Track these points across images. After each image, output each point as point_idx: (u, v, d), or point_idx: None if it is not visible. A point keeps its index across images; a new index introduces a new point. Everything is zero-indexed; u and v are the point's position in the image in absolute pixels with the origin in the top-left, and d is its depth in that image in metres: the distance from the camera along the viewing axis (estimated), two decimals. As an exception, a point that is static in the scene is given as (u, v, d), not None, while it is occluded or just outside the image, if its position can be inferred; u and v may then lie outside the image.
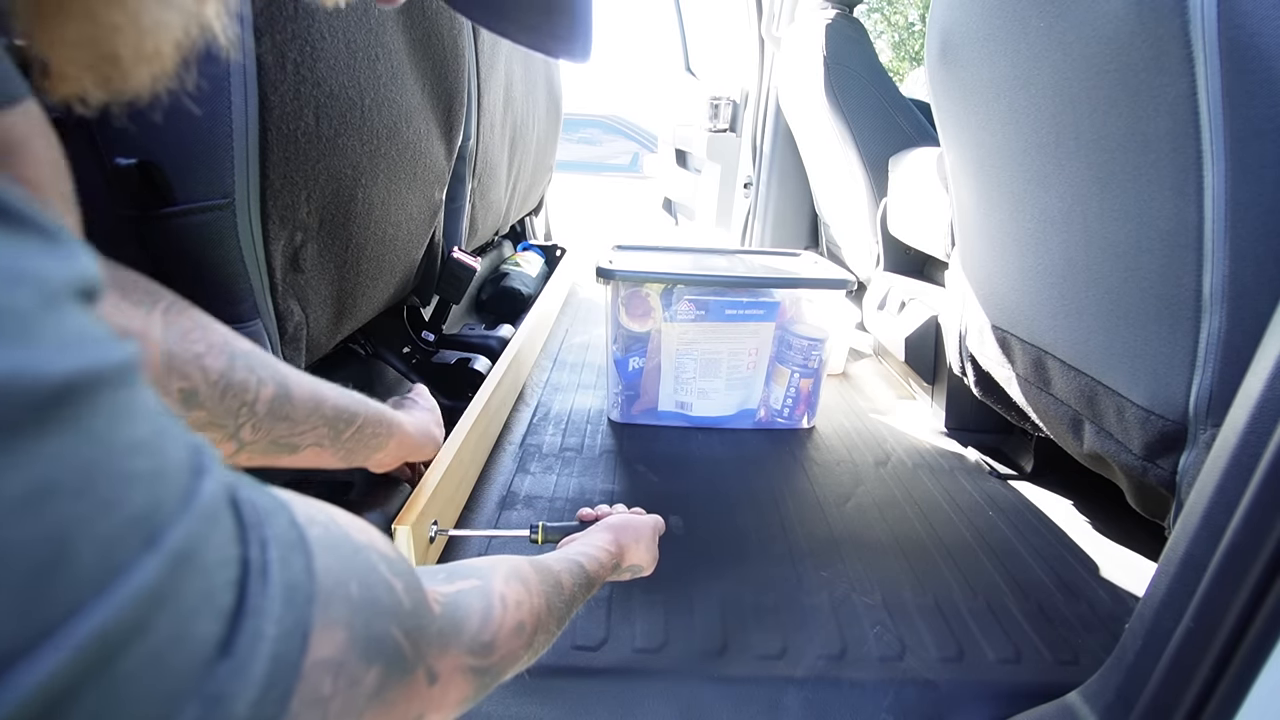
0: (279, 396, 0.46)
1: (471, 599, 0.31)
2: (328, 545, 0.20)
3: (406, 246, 0.84)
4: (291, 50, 0.52)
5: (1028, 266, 0.73)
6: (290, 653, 0.17)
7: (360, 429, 0.55)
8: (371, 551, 0.23)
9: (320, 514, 0.21)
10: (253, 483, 0.19)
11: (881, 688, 0.59)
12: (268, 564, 0.16)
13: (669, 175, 2.74)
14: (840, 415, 1.18)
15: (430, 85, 0.79)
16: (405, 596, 0.24)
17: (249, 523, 0.17)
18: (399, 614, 0.23)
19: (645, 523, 0.62)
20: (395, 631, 0.22)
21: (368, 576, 0.22)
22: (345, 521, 0.23)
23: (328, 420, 0.51)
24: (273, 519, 0.18)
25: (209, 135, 0.46)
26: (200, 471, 0.15)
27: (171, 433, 0.15)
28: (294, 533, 0.19)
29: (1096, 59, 0.55)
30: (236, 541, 0.16)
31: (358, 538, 0.23)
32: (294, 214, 0.57)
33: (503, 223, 1.51)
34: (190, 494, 0.14)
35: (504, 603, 0.33)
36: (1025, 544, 0.82)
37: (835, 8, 1.52)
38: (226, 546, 0.15)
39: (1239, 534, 0.40)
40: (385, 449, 0.60)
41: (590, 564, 0.49)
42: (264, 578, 0.16)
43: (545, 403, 1.14)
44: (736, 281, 1.00)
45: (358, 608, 0.20)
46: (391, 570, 0.24)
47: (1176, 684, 0.43)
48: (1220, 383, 0.52)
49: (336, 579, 0.20)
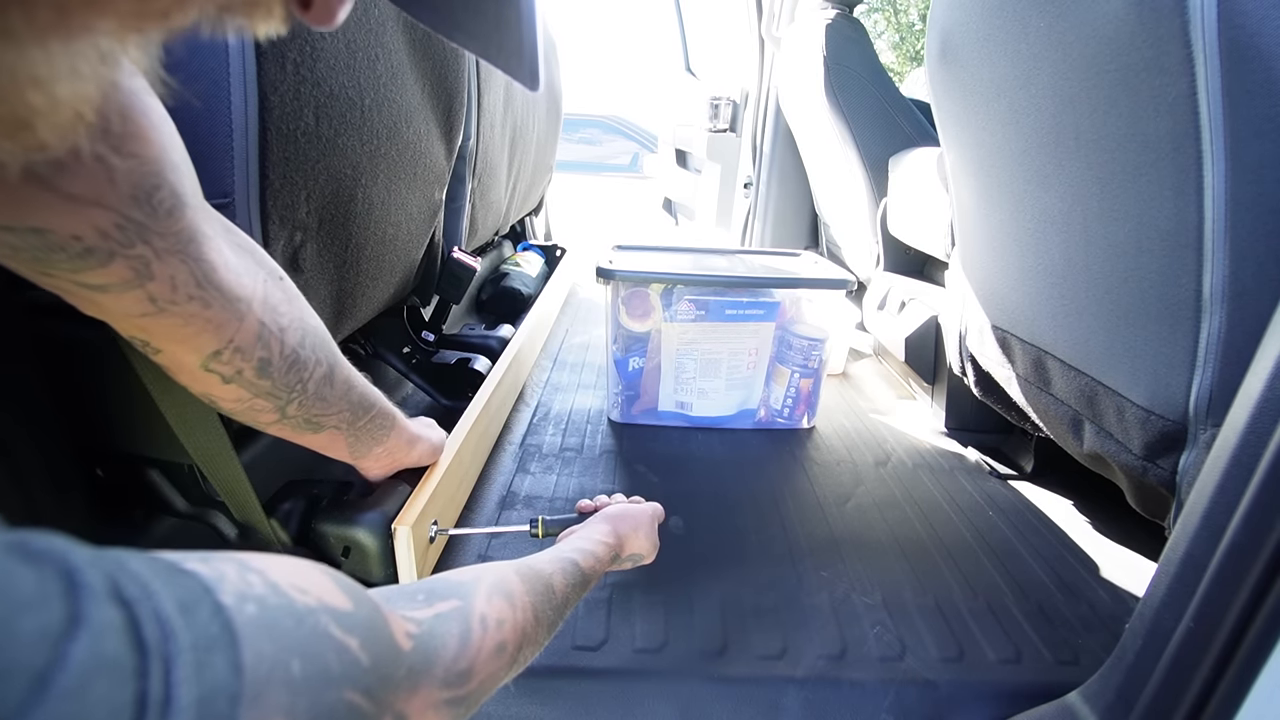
0: (325, 378, 0.49)
1: (449, 625, 0.31)
2: (263, 625, 0.19)
3: (406, 246, 0.84)
4: (291, 50, 0.52)
5: (1028, 266, 0.73)
6: None
7: (373, 419, 0.57)
8: (320, 614, 0.22)
9: (257, 585, 0.20)
10: (169, 576, 0.17)
11: (881, 688, 0.59)
12: (171, 688, 0.15)
13: (669, 175, 2.74)
14: (840, 415, 1.18)
15: (430, 85, 0.79)
16: (362, 653, 0.23)
17: (149, 645, 0.15)
18: (354, 675, 0.22)
19: (643, 510, 0.62)
20: (350, 695, 0.21)
21: (314, 645, 0.21)
22: (288, 584, 0.21)
23: (352, 405, 0.54)
24: (188, 621, 0.17)
25: (208, 135, 0.46)
26: (73, 627, 0.14)
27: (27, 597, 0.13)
28: (215, 625, 0.17)
29: (1096, 59, 0.55)
30: (132, 677, 0.15)
31: (301, 602, 0.21)
32: (293, 214, 0.57)
33: (503, 223, 1.51)
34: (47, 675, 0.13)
35: (484, 624, 0.33)
36: (1025, 544, 0.82)
37: (835, 8, 1.52)
38: (117, 692, 0.14)
39: (1239, 534, 0.40)
40: (384, 442, 0.61)
41: (586, 560, 0.49)
42: (164, 709, 0.15)
43: (545, 403, 1.14)
44: (736, 281, 1.00)
45: (300, 687, 0.19)
46: (344, 628, 0.22)
47: (1176, 684, 0.43)
48: (1220, 383, 0.52)
49: (273, 663, 0.19)
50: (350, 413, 0.54)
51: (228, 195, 0.48)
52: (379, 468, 0.65)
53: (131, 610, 0.15)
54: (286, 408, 0.47)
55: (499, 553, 0.74)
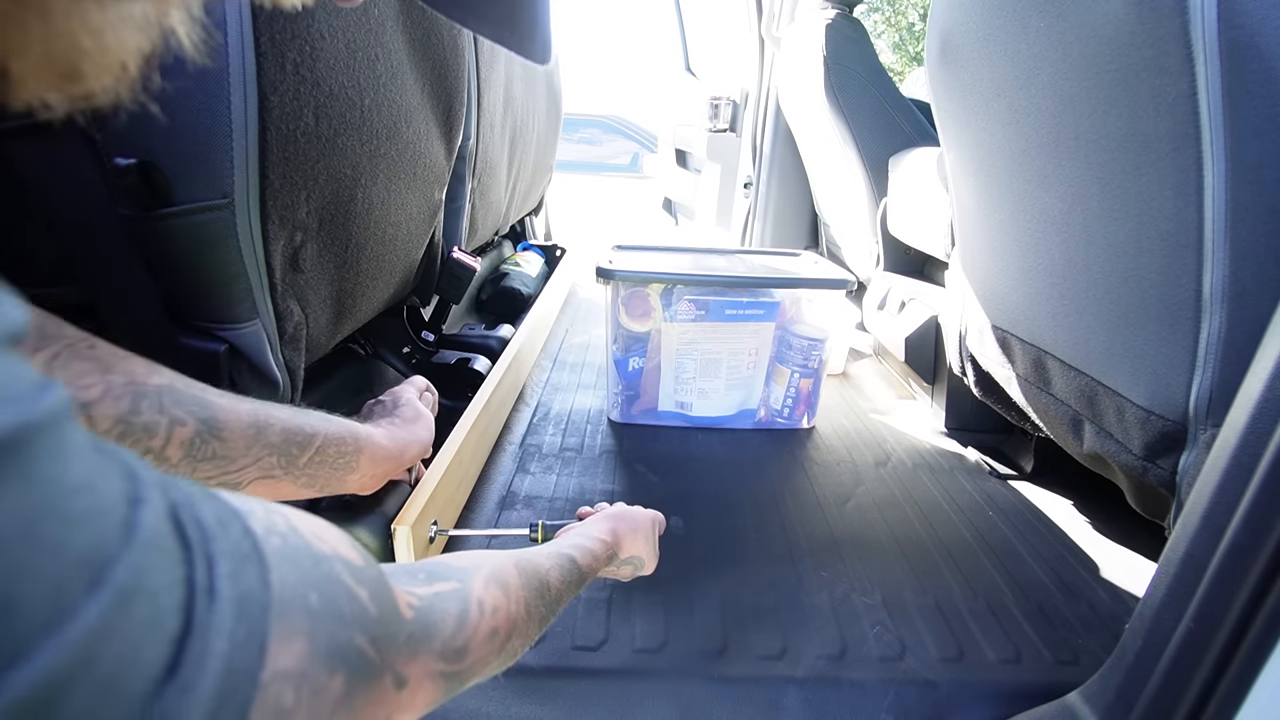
0: (201, 435, 0.42)
1: (448, 603, 0.31)
2: (286, 556, 0.20)
3: (406, 246, 0.84)
4: (291, 50, 0.52)
5: (1028, 266, 0.73)
6: (246, 664, 0.17)
7: (320, 451, 0.50)
8: (335, 561, 0.23)
9: (281, 523, 0.21)
10: (204, 494, 0.19)
11: (881, 688, 0.59)
12: (214, 580, 0.17)
13: (669, 175, 2.74)
14: (840, 415, 1.18)
15: (430, 85, 0.79)
16: (370, 604, 0.24)
17: (193, 542, 0.17)
18: (363, 621, 0.23)
19: (643, 514, 0.62)
20: (359, 639, 0.23)
21: (329, 586, 0.22)
22: (307, 530, 0.23)
23: (275, 448, 0.47)
24: (223, 532, 0.18)
25: (208, 135, 0.46)
26: (138, 501, 0.15)
27: (105, 467, 0.15)
28: (247, 543, 0.19)
29: (1096, 59, 0.55)
30: (181, 563, 0.16)
31: (319, 547, 0.23)
32: (293, 214, 0.57)
33: (503, 223, 1.51)
34: (130, 527, 0.15)
35: (481, 608, 0.33)
36: (1025, 544, 0.82)
37: (835, 8, 1.52)
38: (170, 570, 0.16)
39: (1239, 534, 0.40)
40: (356, 469, 0.55)
41: (583, 557, 0.49)
42: (210, 595, 0.16)
43: (545, 403, 1.14)
44: (736, 281, 1.00)
45: (318, 617, 0.20)
46: (355, 578, 0.24)
47: (1176, 684, 0.43)
48: (1220, 383, 0.52)
49: (295, 590, 0.20)
50: (278, 456, 0.47)
51: (227, 195, 0.48)
52: (367, 489, 0.59)
53: (176, 511, 0.17)
54: None
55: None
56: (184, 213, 0.47)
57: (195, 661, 0.15)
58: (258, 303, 0.55)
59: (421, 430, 0.64)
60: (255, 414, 0.46)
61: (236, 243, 0.51)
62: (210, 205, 0.48)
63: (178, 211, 0.47)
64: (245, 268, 0.52)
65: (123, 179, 0.44)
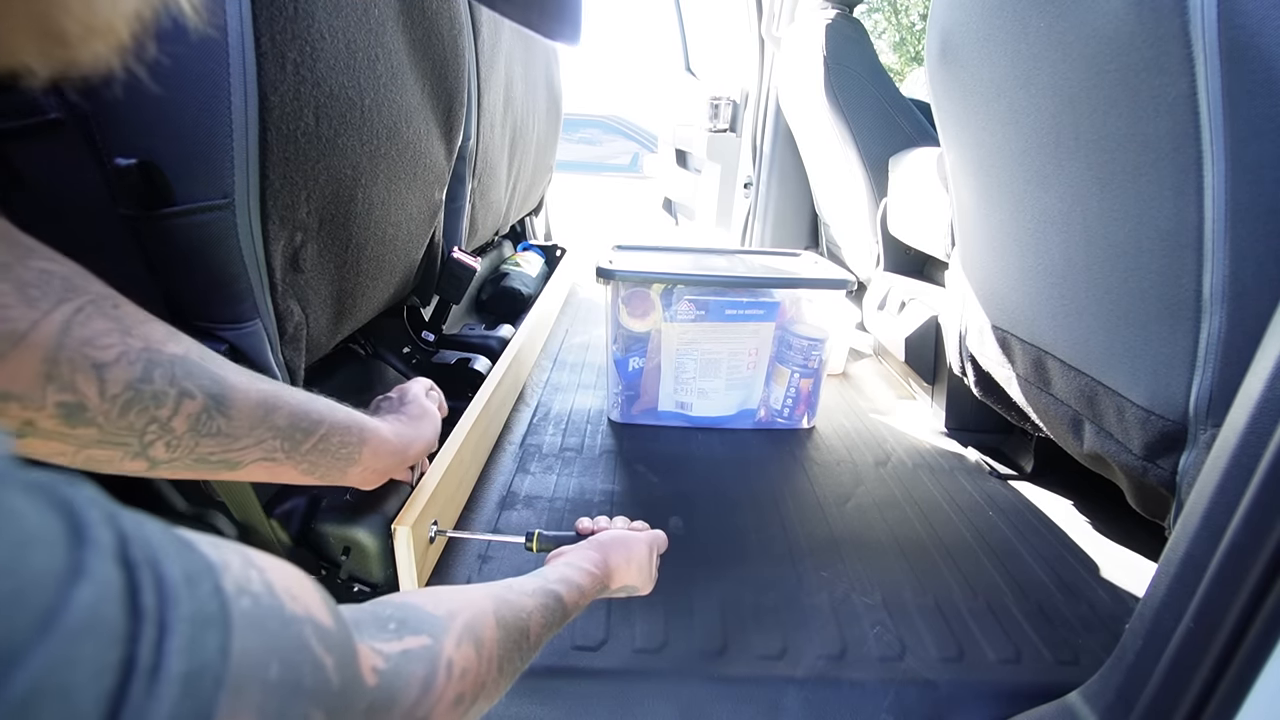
0: (208, 410, 0.41)
1: (415, 665, 0.30)
2: (254, 620, 0.19)
3: (406, 246, 0.84)
4: (291, 50, 0.52)
5: (1028, 266, 0.73)
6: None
7: (324, 438, 0.50)
8: (306, 624, 0.22)
9: (255, 581, 0.20)
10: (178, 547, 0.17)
11: (881, 688, 0.59)
12: (162, 658, 0.15)
13: (669, 175, 2.74)
14: (840, 415, 1.18)
15: (430, 85, 0.79)
16: (334, 674, 0.22)
17: (144, 611, 0.15)
18: (323, 695, 0.22)
19: (639, 540, 0.58)
20: (316, 715, 0.21)
21: (294, 655, 0.20)
22: (282, 588, 0.21)
23: (280, 431, 0.46)
24: (190, 592, 0.17)
25: (209, 135, 0.46)
26: (75, 575, 0.14)
27: (37, 535, 0.13)
28: (214, 604, 0.17)
29: (1096, 59, 0.55)
30: (122, 642, 0.14)
31: (291, 608, 0.21)
32: (294, 214, 0.57)
33: (503, 223, 1.51)
34: (53, 613, 0.13)
35: (449, 671, 0.31)
36: (1025, 544, 0.82)
37: (835, 8, 1.52)
38: (105, 653, 0.14)
39: (1239, 534, 0.40)
40: (358, 461, 0.54)
41: (569, 593, 0.47)
42: (152, 676, 0.15)
43: (545, 403, 1.14)
44: (736, 281, 1.00)
45: (273, 691, 0.19)
46: (324, 645, 0.22)
47: (1176, 684, 0.43)
48: (1220, 383, 0.52)
49: (256, 660, 0.18)
50: (281, 440, 0.46)
51: (228, 195, 0.49)
52: (368, 483, 0.59)
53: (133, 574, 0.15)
54: (148, 451, 0.40)
55: (499, 552, 0.74)
56: (184, 213, 0.47)
57: None
58: (258, 303, 0.55)
59: (427, 428, 0.63)
60: (265, 395, 0.45)
61: (237, 243, 0.51)
62: (211, 205, 0.48)
63: (178, 211, 0.47)
64: (246, 268, 0.52)
65: (123, 179, 0.44)
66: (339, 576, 0.65)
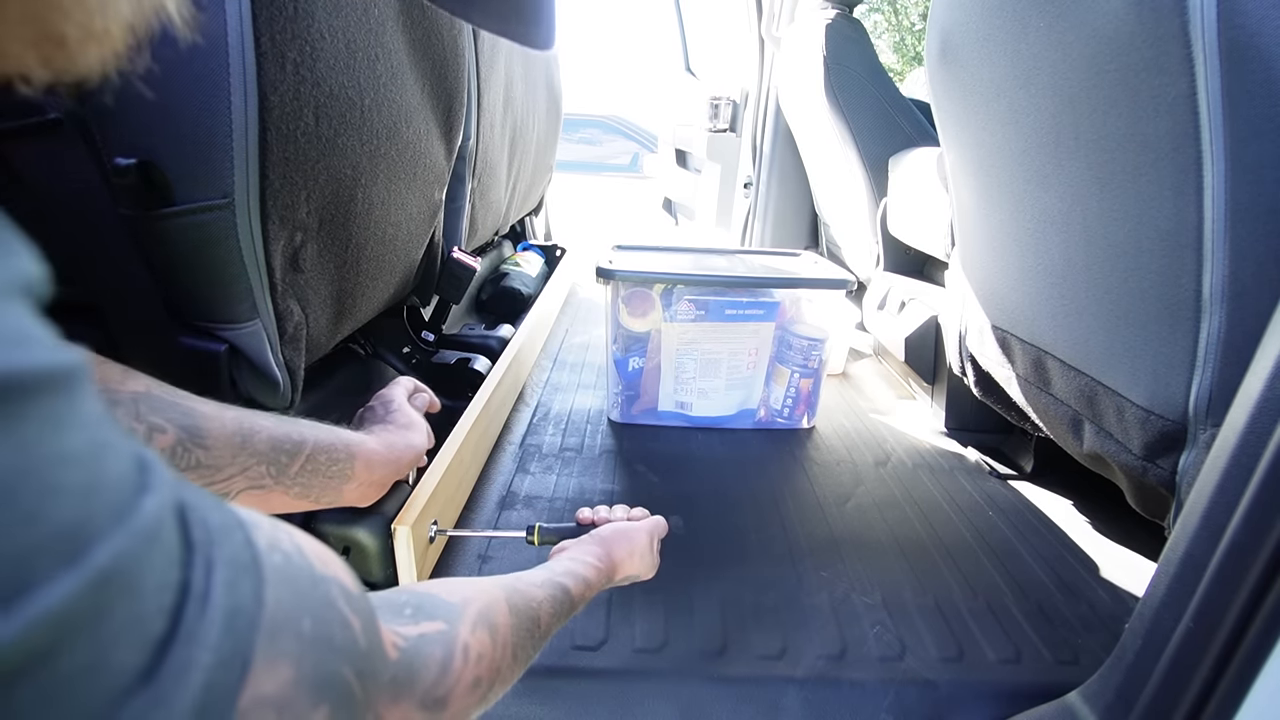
0: (182, 442, 0.40)
1: (433, 647, 0.30)
2: (286, 575, 0.19)
3: (406, 246, 0.84)
4: (291, 50, 0.52)
5: (1028, 266, 0.73)
6: (226, 683, 0.16)
7: (311, 459, 0.49)
8: (333, 585, 0.22)
9: (285, 540, 0.20)
10: (212, 500, 0.18)
11: (881, 688, 0.59)
12: (210, 588, 0.16)
13: (669, 175, 2.74)
14: (840, 415, 1.18)
15: (430, 85, 0.79)
16: (362, 636, 0.23)
17: (196, 543, 0.16)
18: (353, 654, 0.22)
19: (640, 530, 0.59)
20: (348, 672, 0.21)
21: (324, 611, 0.21)
22: (311, 551, 0.22)
23: (263, 455, 0.45)
24: (226, 538, 0.17)
25: (208, 135, 0.46)
26: (143, 488, 0.14)
27: (114, 446, 0.14)
28: (247, 554, 0.18)
29: (1096, 59, 0.55)
30: (179, 565, 0.15)
31: (319, 570, 0.22)
32: (294, 214, 0.57)
33: (503, 223, 1.51)
34: (126, 511, 0.13)
35: (466, 655, 0.32)
36: (1025, 544, 0.82)
37: (835, 8, 1.52)
38: (166, 570, 0.15)
39: (1239, 534, 0.40)
40: (351, 477, 0.53)
41: (576, 586, 0.47)
42: (204, 603, 0.15)
43: (545, 403, 1.14)
44: (736, 281, 1.00)
45: (309, 644, 0.19)
46: (351, 607, 0.23)
47: (1176, 684, 0.43)
48: (1220, 383, 0.52)
49: (289, 612, 0.19)
50: (266, 465, 0.45)
51: (227, 195, 0.48)
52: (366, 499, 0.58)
53: (185, 511, 0.16)
54: None
55: (498, 552, 0.74)
56: (184, 213, 0.47)
57: (176, 672, 0.14)
58: (258, 302, 0.55)
59: (416, 436, 0.62)
60: (240, 421, 0.44)
61: (237, 243, 0.51)
62: (210, 205, 0.48)
63: (178, 211, 0.47)
64: (245, 268, 0.52)
65: (123, 179, 0.44)
66: (339, 576, 0.65)
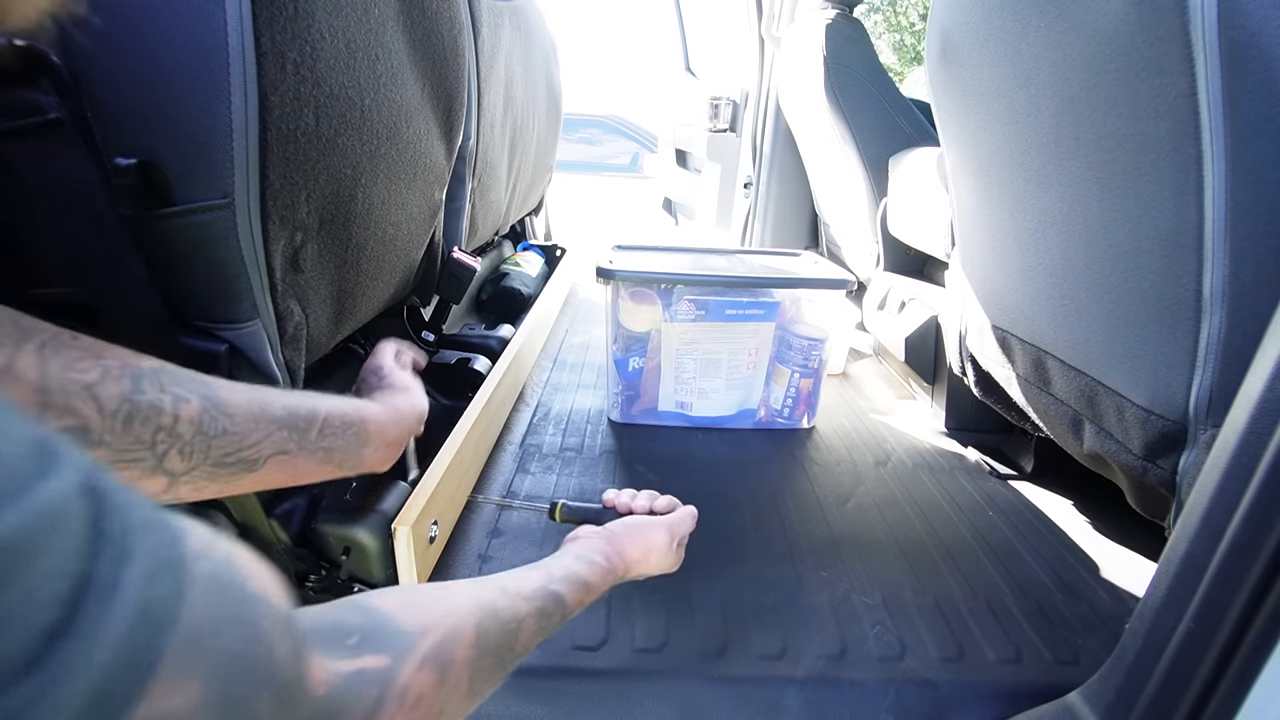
0: (207, 410, 0.41)
1: (368, 686, 0.28)
2: (212, 585, 0.18)
3: (406, 246, 0.84)
4: (291, 50, 0.52)
5: (1028, 266, 0.73)
6: (124, 689, 0.14)
7: (326, 423, 0.50)
8: (262, 604, 0.20)
9: (219, 551, 0.19)
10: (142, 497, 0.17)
11: (881, 688, 0.59)
12: (120, 582, 0.14)
13: (669, 175, 2.74)
14: (840, 415, 1.18)
15: (430, 85, 0.79)
16: (286, 666, 0.21)
17: (109, 533, 0.15)
18: (272, 685, 0.20)
19: (658, 527, 0.58)
20: (262, 705, 0.20)
21: (248, 631, 0.19)
22: (244, 566, 0.20)
23: (282, 421, 0.45)
24: (148, 533, 0.16)
25: (209, 135, 0.46)
26: (44, 472, 0.13)
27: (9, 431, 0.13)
28: (171, 553, 0.17)
29: (1096, 59, 0.55)
30: (82, 555, 0.14)
31: (250, 586, 0.20)
32: (294, 214, 0.57)
33: (503, 223, 1.51)
34: (20, 492, 0.13)
35: (402, 700, 0.29)
36: (1025, 544, 0.82)
37: (835, 8, 1.52)
38: (65, 557, 0.13)
39: (1239, 534, 0.40)
40: (368, 438, 0.54)
41: (574, 593, 0.45)
42: (108, 597, 0.14)
43: (545, 403, 1.14)
44: (736, 281, 1.00)
45: (224, 665, 0.18)
46: (280, 632, 0.21)
47: (1176, 684, 0.43)
48: (1220, 383, 0.52)
49: (210, 625, 0.17)
50: (288, 430, 0.46)
51: (228, 195, 0.48)
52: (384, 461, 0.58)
53: (99, 499, 0.15)
54: (165, 463, 0.39)
55: (499, 553, 0.74)
56: (184, 212, 0.47)
57: (63, 669, 0.13)
58: (258, 302, 0.55)
59: (416, 397, 0.63)
60: (253, 394, 0.45)
61: (237, 243, 0.51)
62: (211, 205, 0.48)
63: (178, 211, 0.47)
64: (246, 268, 0.52)
65: (123, 179, 0.44)
66: (339, 576, 0.65)
